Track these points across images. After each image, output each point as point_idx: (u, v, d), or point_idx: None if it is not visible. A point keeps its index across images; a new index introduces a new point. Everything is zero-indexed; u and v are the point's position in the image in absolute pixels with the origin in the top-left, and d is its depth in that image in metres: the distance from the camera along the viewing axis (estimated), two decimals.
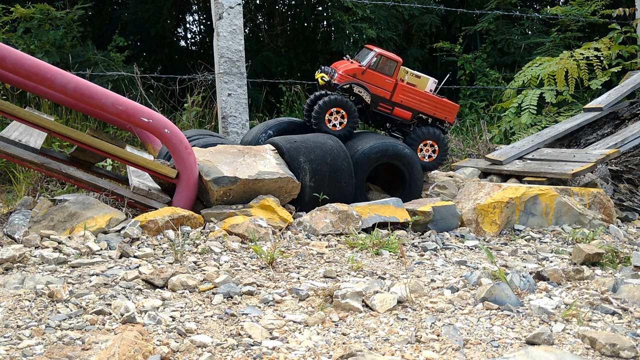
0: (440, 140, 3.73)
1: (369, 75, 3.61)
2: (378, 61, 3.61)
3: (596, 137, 4.63)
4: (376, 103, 3.65)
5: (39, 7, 6.26)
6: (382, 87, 3.64)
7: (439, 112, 3.76)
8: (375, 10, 8.24)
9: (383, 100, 3.66)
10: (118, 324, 1.70)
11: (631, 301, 1.99)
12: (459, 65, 8.06)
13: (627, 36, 5.75)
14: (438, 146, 3.73)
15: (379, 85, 3.63)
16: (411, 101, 3.69)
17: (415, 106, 3.70)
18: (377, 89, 3.63)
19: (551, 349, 1.44)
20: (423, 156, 3.73)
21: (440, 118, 3.77)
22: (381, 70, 3.62)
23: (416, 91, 3.69)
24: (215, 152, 3.14)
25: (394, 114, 3.69)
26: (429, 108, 3.73)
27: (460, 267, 2.45)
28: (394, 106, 3.68)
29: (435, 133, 3.72)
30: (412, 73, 3.75)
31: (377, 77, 3.61)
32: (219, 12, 4.38)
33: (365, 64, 3.61)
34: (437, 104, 3.74)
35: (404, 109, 3.70)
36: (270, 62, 8.75)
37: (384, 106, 3.67)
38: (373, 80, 3.62)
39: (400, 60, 3.65)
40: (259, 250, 2.34)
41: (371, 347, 1.63)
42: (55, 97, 3.65)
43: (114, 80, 6.16)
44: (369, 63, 3.60)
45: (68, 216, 2.70)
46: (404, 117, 3.71)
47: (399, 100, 3.67)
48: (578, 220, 3.23)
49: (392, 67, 3.63)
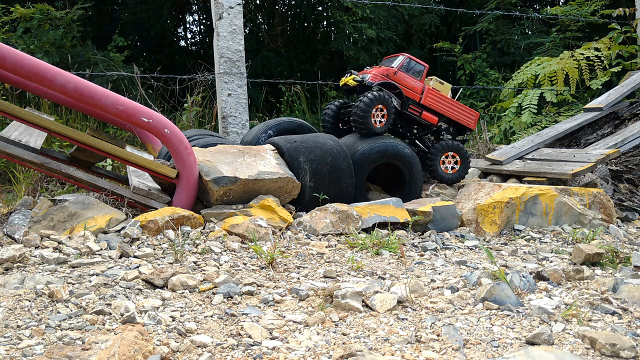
0: (462, 153, 3.76)
1: (400, 77, 3.66)
2: (407, 64, 3.69)
3: (596, 137, 4.63)
4: (407, 105, 3.69)
5: (39, 7, 6.26)
6: (412, 89, 3.69)
7: (462, 118, 3.79)
8: (375, 10, 8.24)
9: (413, 103, 3.70)
10: (118, 324, 1.70)
11: (631, 301, 1.99)
12: (459, 65, 8.07)
13: (627, 36, 5.75)
14: (460, 158, 3.76)
15: (409, 88, 3.68)
16: (438, 105, 3.73)
17: (442, 110, 3.74)
18: (408, 90, 3.69)
19: (551, 349, 1.44)
20: (446, 168, 3.75)
21: (463, 124, 3.80)
22: (411, 72, 3.69)
23: (442, 96, 3.74)
24: (215, 152, 3.14)
25: (423, 117, 3.74)
26: (453, 113, 3.77)
27: (460, 267, 2.45)
28: (422, 109, 3.72)
29: (457, 145, 3.74)
30: (437, 79, 3.81)
31: (407, 79, 3.68)
32: (219, 12, 4.37)
33: (396, 66, 3.67)
34: (461, 110, 3.78)
35: (432, 112, 3.75)
36: (270, 62, 8.75)
37: (414, 108, 3.71)
38: (404, 82, 3.67)
39: (427, 66, 3.72)
40: (259, 250, 2.34)
41: (371, 347, 1.63)
42: (55, 97, 3.65)
43: (113, 80, 6.17)
44: (400, 65, 3.67)
45: (68, 216, 2.70)
46: (430, 121, 3.75)
47: (427, 104, 3.71)
48: (578, 220, 3.23)
49: (420, 72, 3.70)
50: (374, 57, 8.31)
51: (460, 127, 3.84)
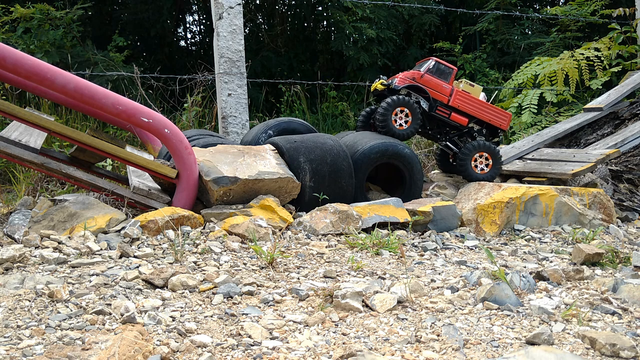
0: (494, 152, 3.76)
1: (427, 80, 3.71)
2: (435, 67, 3.73)
3: (596, 137, 4.63)
4: (434, 107, 3.73)
5: (39, 7, 6.26)
6: (440, 91, 3.72)
7: (493, 119, 3.81)
8: (375, 10, 8.24)
9: (441, 105, 3.74)
10: (118, 324, 1.70)
11: (631, 301, 1.99)
12: (459, 65, 8.06)
13: (627, 36, 5.75)
14: (492, 158, 3.77)
15: (437, 90, 3.72)
16: (467, 107, 3.75)
17: (471, 112, 3.77)
18: (435, 93, 3.72)
19: (551, 349, 1.44)
20: (480, 169, 3.75)
21: (495, 125, 3.82)
22: (438, 75, 3.73)
23: (472, 97, 3.77)
24: (215, 152, 3.14)
25: (451, 119, 3.76)
26: (484, 114, 3.79)
27: (460, 267, 2.45)
28: (451, 111, 3.75)
29: (491, 146, 3.75)
30: (466, 82, 3.85)
31: (434, 81, 3.72)
32: (219, 12, 4.38)
33: (424, 69, 3.73)
34: (492, 111, 3.80)
35: (461, 114, 3.77)
36: (270, 62, 8.75)
37: (442, 110, 3.74)
38: (431, 84, 3.72)
39: (455, 69, 3.77)
40: (259, 250, 2.34)
41: (371, 347, 1.63)
42: (55, 97, 3.65)
43: (113, 80, 6.17)
44: (427, 68, 3.73)
45: (68, 216, 2.70)
46: (460, 122, 3.77)
47: (456, 105, 3.74)
48: (578, 220, 3.23)
49: (448, 74, 3.74)
50: (374, 57, 8.31)
51: (492, 129, 3.87)
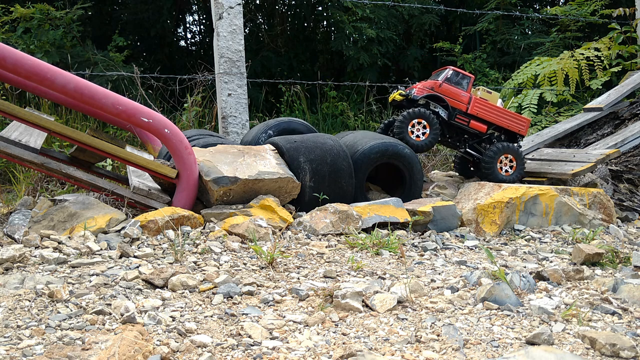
0: (517, 153, 3.78)
1: (446, 89, 3.73)
2: (453, 76, 3.75)
3: (596, 137, 4.63)
4: (453, 115, 3.75)
5: (39, 7, 6.26)
6: (459, 100, 3.74)
7: (512, 125, 3.82)
8: (375, 10, 8.24)
9: (460, 113, 3.76)
10: (118, 324, 1.70)
11: (631, 301, 1.99)
12: (459, 65, 8.06)
13: (627, 36, 5.75)
14: (516, 161, 3.78)
15: (455, 98, 3.74)
16: (486, 114, 3.77)
17: (490, 118, 3.78)
18: (453, 101, 3.74)
19: (551, 349, 1.44)
20: (506, 171, 3.77)
21: (514, 131, 3.83)
22: (456, 84, 3.75)
23: (490, 104, 3.78)
24: (215, 152, 3.14)
25: (471, 126, 3.78)
26: (502, 121, 3.80)
27: (460, 267, 2.45)
28: (470, 119, 3.77)
29: (513, 147, 3.77)
30: (484, 89, 3.87)
31: (453, 90, 3.74)
32: (219, 12, 4.38)
33: (441, 79, 3.75)
34: (510, 117, 3.82)
35: (480, 121, 3.79)
36: (270, 62, 8.75)
37: (461, 118, 3.76)
38: (449, 93, 3.74)
39: (472, 77, 3.79)
40: (259, 250, 2.34)
41: (371, 347, 1.63)
42: (55, 97, 3.65)
43: (113, 80, 6.17)
44: (445, 77, 3.75)
45: (68, 216, 2.70)
46: (479, 129, 3.79)
47: (474, 113, 3.75)
48: (578, 220, 3.23)
49: (466, 82, 3.76)
50: (374, 57, 8.31)
51: (511, 134, 3.88)
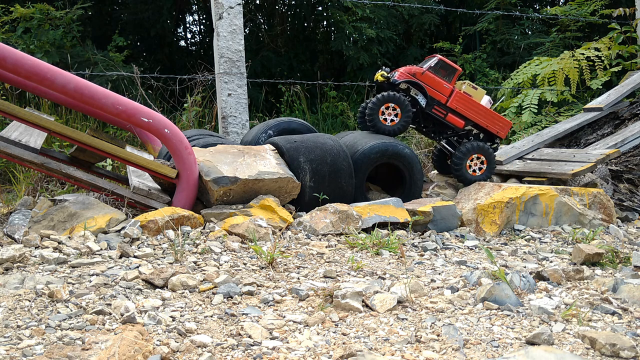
0: (489, 154, 3.73)
1: (428, 77, 3.68)
2: (438, 65, 3.70)
3: (596, 137, 4.63)
4: (431, 105, 3.70)
5: (39, 7, 6.26)
6: (439, 90, 3.69)
7: (491, 126, 3.77)
8: (375, 10, 8.24)
9: (438, 104, 3.70)
10: (118, 324, 1.70)
11: (631, 301, 1.99)
12: (459, 65, 8.06)
13: (627, 36, 5.75)
14: (486, 159, 3.74)
15: (436, 88, 3.69)
16: (466, 110, 3.72)
17: (469, 115, 3.73)
18: (434, 91, 3.69)
19: (551, 349, 1.44)
20: (474, 171, 3.73)
21: (492, 132, 3.79)
22: (440, 74, 3.70)
23: (472, 101, 3.73)
24: (215, 152, 3.14)
25: (447, 119, 3.72)
26: (481, 119, 3.75)
27: (460, 267, 2.45)
28: (448, 111, 3.71)
29: (486, 148, 3.73)
30: (470, 84, 3.80)
31: (435, 80, 3.68)
32: (219, 12, 4.38)
33: (426, 67, 3.70)
34: (490, 117, 3.77)
35: (458, 116, 3.73)
36: (270, 62, 8.75)
37: (439, 110, 3.70)
38: (431, 82, 3.68)
39: (459, 70, 3.73)
40: (259, 250, 2.34)
41: (371, 347, 1.63)
42: (55, 97, 3.65)
43: (113, 80, 6.17)
44: (430, 66, 3.70)
45: (68, 216, 2.70)
46: (456, 124, 3.74)
47: (453, 107, 3.70)
48: (578, 220, 3.23)
49: (451, 74, 3.71)
50: (374, 56, 8.31)
51: (490, 135, 3.84)
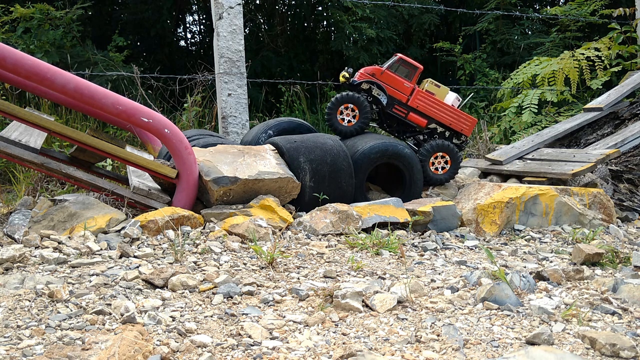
0: (453, 153, 3.66)
1: (387, 76, 3.65)
2: (398, 64, 3.67)
3: (596, 137, 4.63)
4: (392, 105, 3.67)
5: (39, 7, 6.26)
6: (400, 89, 3.65)
7: (455, 124, 3.71)
8: (375, 10, 8.24)
9: (399, 103, 3.67)
10: (118, 324, 1.70)
11: (631, 301, 1.99)
12: (459, 65, 8.07)
13: (627, 36, 5.75)
14: (450, 158, 3.67)
15: (395, 87, 3.66)
16: (427, 108, 3.67)
17: (431, 114, 3.68)
18: (393, 90, 3.66)
19: (551, 349, 1.44)
20: (436, 169, 3.67)
21: (456, 129, 3.73)
22: (400, 73, 3.67)
23: (434, 99, 3.68)
24: (215, 152, 3.14)
25: (409, 118, 3.69)
26: (445, 118, 3.69)
27: (460, 267, 2.45)
28: (409, 110, 3.68)
29: (447, 145, 3.65)
30: (432, 82, 3.75)
31: (395, 79, 3.66)
32: (219, 12, 4.38)
33: (386, 66, 3.68)
34: (454, 115, 3.70)
35: (419, 115, 3.68)
36: (270, 62, 8.75)
37: (399, 109, 3.67)
38: (390, 81, 3.66)
39: (420, 67, 3.69)
40: (259, 250, 2.34)
41: (371, 347, 1.63)
42: (55, 97, 3.65)
43: (113, 80, 6.17)
44: (389, 65, 3.68)
45: (68, 216, 2.70)
46: (418, 123, 3.69)
47: (415, 105, 3.66)
48: (578, 220, 3.23)
49: (412, 73, 3.67)
50: (373, 57, 8.31)
51: (456, 133, 3.78)
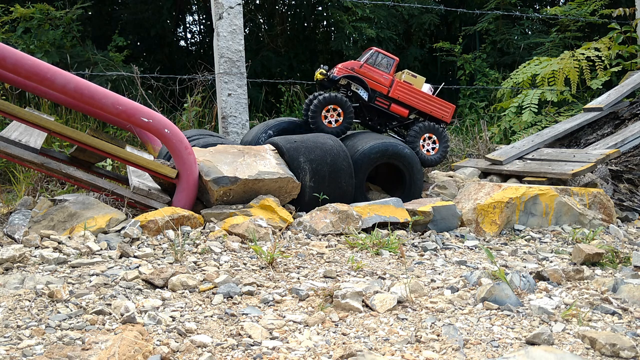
0: (439, 133, 3.77)
1: (366, 70, 3.70)
2: (375, 57, 3.71)
3: (596, 137, 4.63)
4: (374, 98, 3.72)
5: (39, 7, 6.26)
6: (379, 82, 3.71)
7: (435, 111, 3.82)
8: (374, 10, 8.24)
9: (380, 95, 3.73)
10: (118, 324, 1.70)
11: (631, 301, 1.99)
12: (459, 65, 8.06)
13: (627, 36, 5.75)
14: (437, 138, 3.77)
15: (376, 80, 3.71)
16: (408, 98, 3.75)
17: (412, 103, 3.76)
18: (374, 83, 3.71)
19: (551, 349, 1.44)
20: (427, 150, 3.76)
21: (437, 117, 3.83)
22: (378, 65, 3.72)
23: (413, 88, 3.76)
24: (215, 152, 3.14)
25: (391, 110, 3.76)
26: (425, 106, 3.79)
27: (460, 267, 2.45)
28: (391, 102, 3.74)
29: (433, 126, 3.76)
30: (409, 73, 3.84)
31: (374, 72, 3.71)
32: (219, 12, 4.38)
33: (363, 60, 3.72)
34: (434, 103, 3.81)
35: (401, 105, 3.77)
36: (270, 62, 8.75)
37: (381, 101, 3.73)
38: (370, 74, 3.71)
39: (397, 59, 3.75)
40: (259, 250, 2.34)
41: (371, 347, 1.63)
42: (55, 97, 3.65)
43: (113, 80, 6.17)
44: (367, 58, 3.72)
45: (68, 216, 2.70)
46: (400, 113, 3.77)
47: (396, 96, 3.73)
48: (578, 220, 3.23)
49: (390, 65, 3.72)
50: None
51: (435, 120, 3.87)
